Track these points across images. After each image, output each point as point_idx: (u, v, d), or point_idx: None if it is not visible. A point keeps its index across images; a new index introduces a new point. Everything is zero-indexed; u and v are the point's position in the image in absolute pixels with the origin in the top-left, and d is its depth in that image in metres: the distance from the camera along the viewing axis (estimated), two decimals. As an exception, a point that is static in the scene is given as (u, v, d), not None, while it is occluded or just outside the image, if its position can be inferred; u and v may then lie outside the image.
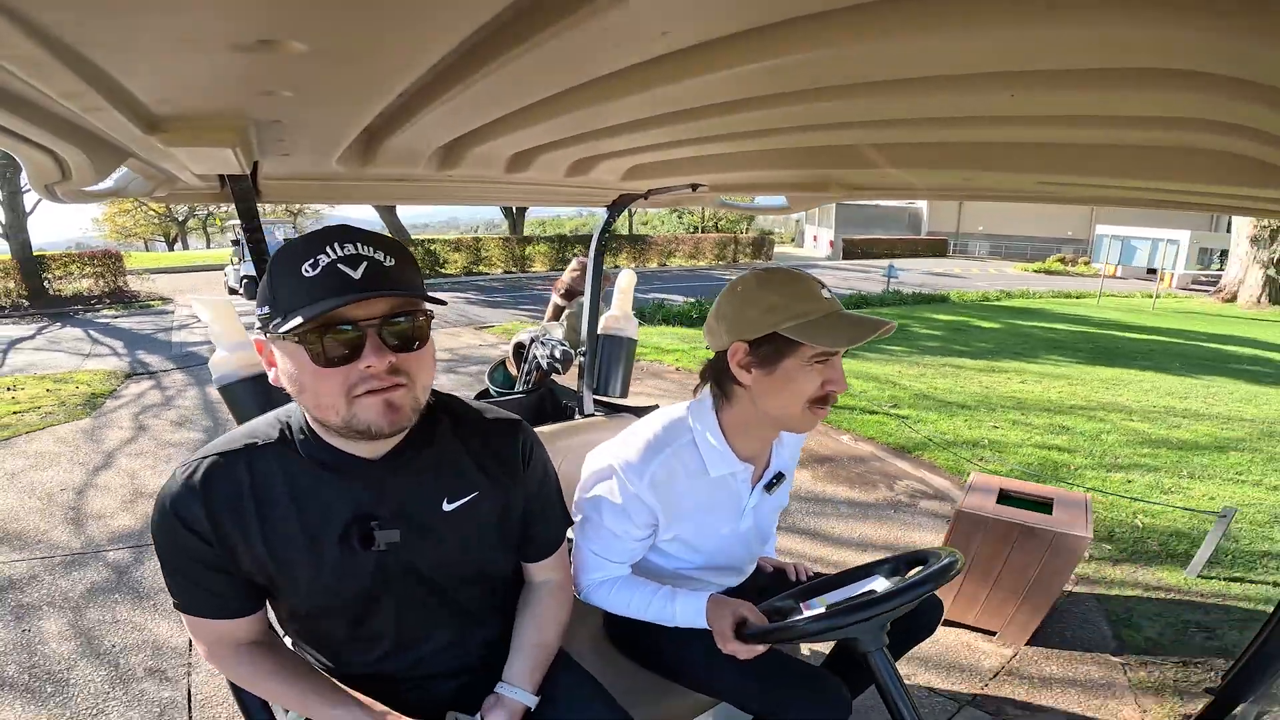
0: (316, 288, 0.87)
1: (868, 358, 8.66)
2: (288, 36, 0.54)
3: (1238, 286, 20.97)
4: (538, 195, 2.08)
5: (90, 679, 2.49)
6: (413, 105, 0.81)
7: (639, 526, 1.39)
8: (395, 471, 1.05)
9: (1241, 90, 0.54)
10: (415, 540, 1.07)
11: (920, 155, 1.12)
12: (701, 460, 1.38)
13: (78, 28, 0.49)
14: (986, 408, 6.35)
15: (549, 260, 22.97)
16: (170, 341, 9.71)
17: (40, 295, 13.93)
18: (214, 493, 0.99)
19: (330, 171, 1.28)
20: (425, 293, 0.95)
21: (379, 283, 0.89)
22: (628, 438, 1.43)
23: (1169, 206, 1.28)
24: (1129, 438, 5.58)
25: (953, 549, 1.25)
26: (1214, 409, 6.85)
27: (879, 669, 1.19)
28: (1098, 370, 8.77)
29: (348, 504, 1.03)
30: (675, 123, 0.93)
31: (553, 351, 2.49)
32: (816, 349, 1.21)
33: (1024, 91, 0.65)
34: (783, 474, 1.52)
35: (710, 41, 0.58)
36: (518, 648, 1.21)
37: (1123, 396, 7.22)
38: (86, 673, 2.52)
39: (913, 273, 23.78)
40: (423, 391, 0.98)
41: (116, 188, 1.20)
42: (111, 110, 0.67)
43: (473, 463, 1.13)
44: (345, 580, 1.05)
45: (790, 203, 1.85)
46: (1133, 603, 3.05)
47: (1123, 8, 0.44)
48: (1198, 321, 14.97)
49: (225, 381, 1.66)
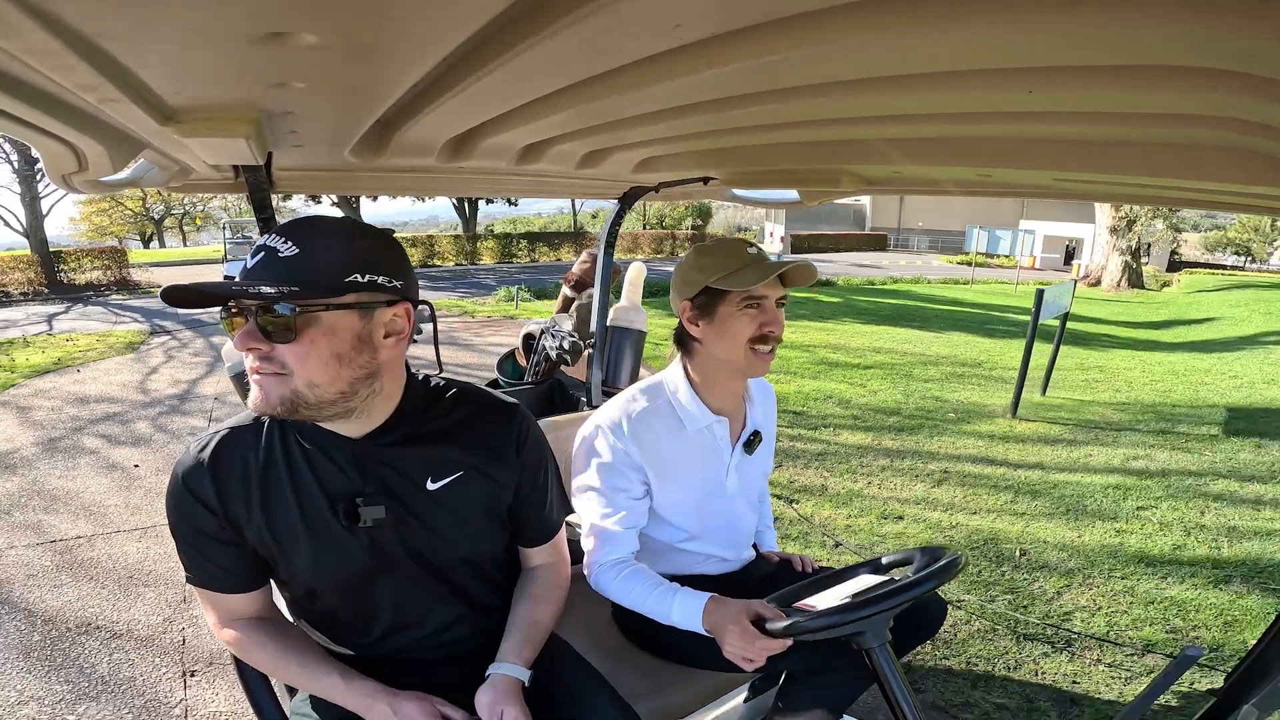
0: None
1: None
2: (300, 28, 0.54)
3: (1101, 272, 23.39)
4: (549, 187, 2.08)
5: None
6: (425, 97, 0.81)
7: (632, 483, 1.49)
8: (376, 449, 1.08)
9: (1261, 88, 0.53)
10: (405, 518, 1.10)
11: (936, 150, 1.11)
12: (677, 416, 1.52)
13: (94, 21, 0.49)
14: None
15: (495, 254, 26.52)
16: (177, 313, 11.85)
17: (56, 284, 16.49)
18: (221, 467, 1.04)
19: (343, 163, 1.29)
20: (303, 288, 0.92)
21: (258, 274, 0.93)
22: (610, 404, 1.55)
23: (1185, 204, 1.26)
24: (822, 362, 8.48)
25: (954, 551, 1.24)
26: (913, 349, 9.70)
27: (882, 665, 1.19)
28: (874, 328, 11.49)
29: (334, 481, 1.07)
30: (688, 116, 0.93)
31: (562, 343, 2.49)
32: (741, 292, 1.39)
33: (1043, 88, 0.65)
34: (759, 433, 1.62)
35: (724, 34, 0.58)
36: (510, 625, 1.22)
37: (862, 342, 9.96)
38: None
39: (840, 264, 27.36)
40: (307, 386, 0.96)
41: (133, 178, 1.22)
42: (127, 102, 0.67)
43: (459, 444, 1.15)
44: (340, 557, 1.08)
45: (802, 196, 1.84)
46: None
47: (1145, 5, 0.43)
48: (1023, 300, 16.69)
49: (237, 370, 1.68)
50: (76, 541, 3.49)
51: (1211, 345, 12.01)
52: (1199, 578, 3.37)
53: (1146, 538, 3.83)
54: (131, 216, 38.84)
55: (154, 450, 4.96)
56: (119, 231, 39.09)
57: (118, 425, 5.55)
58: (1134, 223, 22.03)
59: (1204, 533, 3.91)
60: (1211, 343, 12.31)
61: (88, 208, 35.32)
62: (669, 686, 1.54)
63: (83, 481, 4.30)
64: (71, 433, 5.31)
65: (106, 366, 7.76)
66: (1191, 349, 11.67)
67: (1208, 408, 7.01)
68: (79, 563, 3.28)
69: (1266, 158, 0.78)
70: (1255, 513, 4.22)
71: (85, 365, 7.79)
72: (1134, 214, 21.61)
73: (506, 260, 26.60)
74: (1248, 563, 3.51)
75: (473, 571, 1.21)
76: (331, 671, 1.09)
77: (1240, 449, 5.47)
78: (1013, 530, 3.87)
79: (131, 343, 9.23)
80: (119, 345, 9.03)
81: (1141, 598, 3.18)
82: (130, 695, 2.35)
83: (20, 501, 3.97)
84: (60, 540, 3.50)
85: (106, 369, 7.64)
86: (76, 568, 3.23)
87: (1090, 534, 3.87)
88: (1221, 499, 4.43)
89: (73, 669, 2.48)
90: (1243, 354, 10.74)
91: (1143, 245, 24.83)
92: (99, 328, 10.74)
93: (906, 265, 28.07)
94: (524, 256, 27.33)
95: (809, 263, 1.41)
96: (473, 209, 30.00)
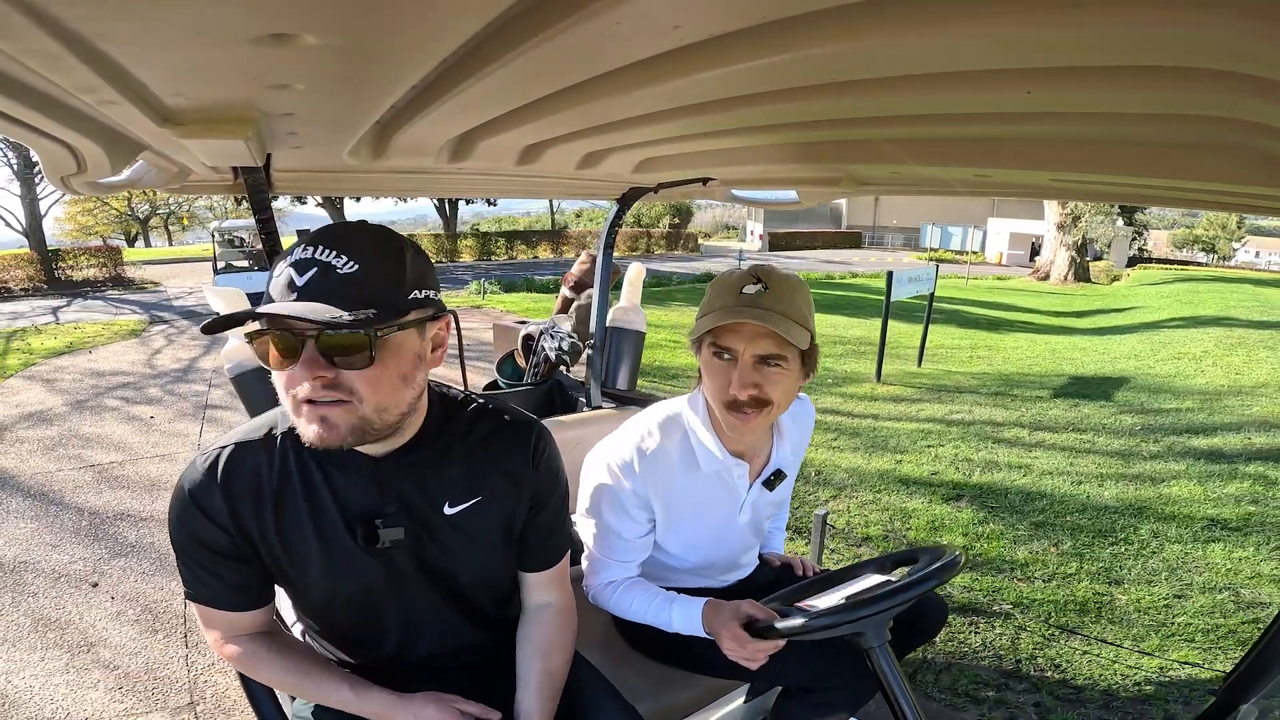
0: (273, 290, 0.88)
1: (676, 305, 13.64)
2: (300, 30, 0.54)
3: (1049, 267, 24.10)
4: (548, 188, 2.08)
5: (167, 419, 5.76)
6: (424, 98, 0.81)
7: (638, 523, 1.40)
8: (398, 470, 1.05)
9: (1261, 88, 0.53)
10: (422, 539, 1.07)
11: (934, 151, 1.11)
12: (694, 454, 1.40)
13: (94, 23, 0.49)
14: (686, 327, 9.94)
15: (474, 252, 27.46)
16: (173, 305, 13.53)
17: (55, 281, 17.21)
18: (232, 481, 1.00)
19: (342, 164, 1.28)
20: (379, 309, 0.86)
21: (315, 292, 0.85)
22: (622, 434, 1.43)
23: (1184, 204, 1.26)
24: None
25: (954, 547, 1.24)
26: (834, 333, 10.70)
27: (882, 666, 1.18)
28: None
29: (353, 500, 1.03)
30: (687, 116, 0.93)
31: (561, 344, 2.49)
32: (710, 340, 1.27)
33: (1042, 89, 0.65)
34: (783, 471, 1.50)
35: (723, 35, 0.58)
36: (524, 680, 1.16)
37: None
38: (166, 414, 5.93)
39: (810, 260, 29.88)
40: (376, 411, 0.92)
41: (131, 179, 1.21)
42: (126, 104, 0.67)
43: (479, 467, 1.11)
44: (354, 575, 1.05)
45: (801, 197, 1.84)
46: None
47: (1143, 5, 0.43)
48: (965, 292, 18.35)
49: (238, 371, 1.68)
50: (110, 464, 4.66)
51: (1112, 330, 12.78)
52: (935, 496, 4.17)
53: (916, 466, 4.69)
54: (117, 216, 38.66)
55: (166, 407, 6.08)
56: (104, 231, 38.82)
57: (132, 390, 6.69)
58: (1079, 219, 22.54)
59: (967, 465, 4.75)
60: (1115, 328, 13.05)
61: (73, 207, 34.97)
62: (670, 687, 1.54)
63: (109, 428, 5.43)
64: (94, 396, 6.41)
65: (115, 349, 8.83)
66: (1090, 333, 12.45)
67: (1056, 377, 7.88)
68: (114, 478, 4.41)
69: (1265, 157, 0.78)
70: (1023, 453, 5.03)
71: (96, 348, 8.82)
72: (1079, 211, 22.28)
73: (485, 258, 27.24)
74: (981, 487, 4.33)
75: (485, 589, 1.19)
76: (342, 684, 1.08)
77: (1055, 407, 6.36)
78: (821, 458, 4.82)
79: (134, 330, 10.29)
80: (123, 332, 10.06)
81: (881, 506, 4.02)
82: (152, 555, 3.40)
83: (61, 442, 5.09)
84: (97, 465, 4.65)
85: (115, 350, 8.72)
86: (112, 480, 4.37)
87: (876, 462, 4.77)
88: (1002, 442, 5.29)
89: (110, 540, 3.56)
90: (1131, 336, 11.46)
91: (1101, 241, 25.73)
92: (102, 318, 11.75)
93: (876, 262, 28.98)
94: (502, 254, 27.96)
95: (785, 316, 1.19)
96: (453, 209, 30.63)
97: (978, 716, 2.28)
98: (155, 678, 2.48)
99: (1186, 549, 3.49)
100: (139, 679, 2.48)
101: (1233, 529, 3.70)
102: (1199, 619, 2.85)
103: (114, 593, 3.06)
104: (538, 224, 47.41)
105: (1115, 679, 2.48)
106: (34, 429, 5.36)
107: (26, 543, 3.50)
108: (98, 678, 2.48)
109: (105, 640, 2.71)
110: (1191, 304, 15.11)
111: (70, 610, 2.91)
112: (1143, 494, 4.23)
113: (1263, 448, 5.05)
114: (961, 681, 2.45)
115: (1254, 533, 3.65)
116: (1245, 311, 13.11)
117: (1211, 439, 5.33)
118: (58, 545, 3.48)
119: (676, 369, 7.69)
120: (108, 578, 3.18)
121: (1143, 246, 37.74)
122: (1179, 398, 6.71)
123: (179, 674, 2.51)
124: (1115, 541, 3.57)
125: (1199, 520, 3.80)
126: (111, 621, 2.84)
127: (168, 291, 16.02)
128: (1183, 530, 3.69)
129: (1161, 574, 3.24)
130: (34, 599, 2.99)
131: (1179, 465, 4.75)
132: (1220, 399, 6.61)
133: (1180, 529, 3.70)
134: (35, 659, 2.58)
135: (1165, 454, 5.01)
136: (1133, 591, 3.08)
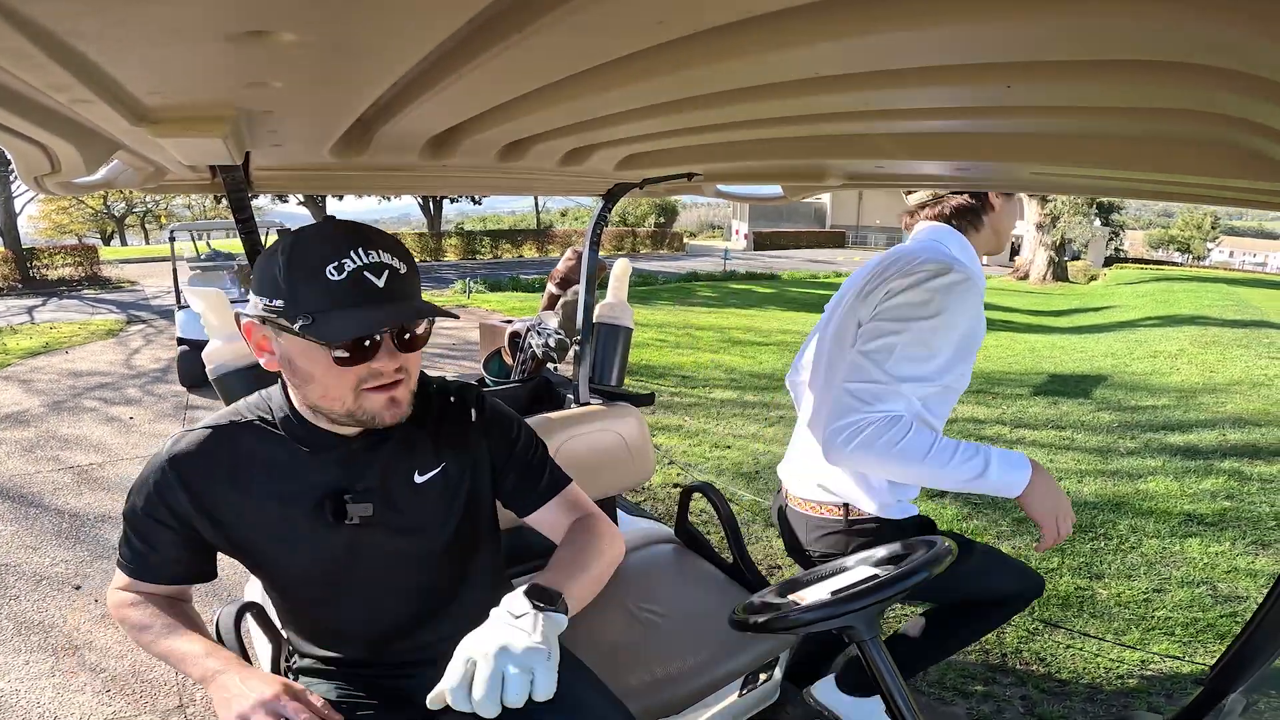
0: (346, 294, 0.92)
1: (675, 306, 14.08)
2: (278, 27, 0.53)
3: (1029, 266, 24.67)
4: (532, 184, 2.07)
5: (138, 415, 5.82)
6: (405, 95, 0.80)
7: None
8: (370, 448, 1.10)
9: (1239, 83, 0.54)
10: (388, 514, 1.10)
11: (917, 145, 1.12)
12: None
13: (66, 19, 0.48)
14: (672, 326, 10.72)
15: (459, 251, 27.49)
16: (150, 304, 13.28)
17: (30, 280, 16.98)
18: (198, 464, 1.04)
19: (322, 162, 1.27)
20: (432, 305, 1.02)
21: (399, 294, 0.96)
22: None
23: (1164, 198, 1.28)
24: (727, 340, 9.61)
25: (949, 542, 1.24)
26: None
27: (875, 659, 1.19)
28: (791, 314, 13.42)
29: (323, 479, 1.08)
30: (671, 112, 0.93)
31: (548, 340, 2.48)
32: None
33: (1023, 83, 0.65)
34: None
35: (706, 31, 0.58)
36: (552, 565, 1.09)
37: (773, 325, 11.52)
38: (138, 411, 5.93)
39: (795, 260, 30.38)
40: (415, 383, 1.06)
41: (107, 179, 1.19)
42: (100, 102, 0.66)
43: (436, 436, 1.18)
44: (318, 552, 1.09)
45: (786, 192, 1.85)
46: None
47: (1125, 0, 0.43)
48: None
49: (220, 372, 1.66)
50: (89, 466, 4.59)
51: (1090, 329, 13.02)
52: (920, 493, 4.08)
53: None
54: (93, 214, 38.12)
55: (144, 408, 6.00)
56: (79, 230, 38.26)
57: (110, 391, 6.58)
58: (1057, 219, 22.96)
59: (950, 461, 4.96)
60: (1093, 326, 13.32)
61: (48, 205, 34.51)
62: (663, 685, 1.54)
63: (87, 429, 5.37)
64: (71, 397, 6.31)
65: (92, 349, 8.69)
66: (1068, 332, 12.66)
67: (1035, 375, 7.97)
68: (93, 479, 4.35)
69: (1243, 151, 0.79)
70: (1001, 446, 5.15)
71: (72, 348, 8.69)
72: (1057, 211, 22.71)
73: (470, 257, 27.19)
74: (963, 483, 4.50)
75: (451, 569, 1.21)
76: (195, 641, 1.03)
77: (1034, 405, 6.47)
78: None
79: (111, 330, 10.09)
80: (100, 332, 9.86)
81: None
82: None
83: (39, 443, 5.03)
84: (76, 466, 4.57)
85: (92, 350, 8.58)
86: (92, 482, 4.30)
87: (860, 459, 5.01)
88: (984, 439, 5.32)
89: (92, 542, 3.53)
90: (1108, 335, 11.67)
91: (1079, 241, 26.22)
92: (78, 318, 11.54)
93: (860, 261, 29.01)
94: (487, 253, 27.92)
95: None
96: (437, 207, 30.73)
97: (967, 710, 2.30)
98: (143, 680, 2.46)
99: (1165, 544, 3.53)
100: (126, 682, 2.46)
101: (1209, 524, 3.74)
102: (1178, 613, 2.89)
103: (97, 595, 3.04)
104: (523, 223, 47.54)
105: (1099, 672, 2.51)
106: (11, 430, 5.30)
107: (6, 545, 3.48)
108: (85, 681, 2.46)
109: (91, 643, 2.69)
110: (1167, 303, 15.41)
111: (54, 613, 2.89)
112: (1121, 490, 4.28)
113: (1237, 444, 5.13)
114: (949, 675, 2.47)
115: (1229, 528, 3.69)
116: (1219, 310, 13.39)
117: (1187, 435, 5.41)
118: (38, 548, 3.46)
119: (663, 368, 7.69)
120: (91, 580, 3.17)
121: (1119, 246, 38.48)
122: (1155, 395, 6.82)
123: (167, 676, 2.48)
124: (1095, 536, 3.61)
125: (1176, 515, 3.85)
126: (96, 624, 2.81)
127: (145, 291, 15.80)
128: (1160, 525, 3.73)
129: (1141, 569, 3.27)
130: (16, 602, 2.97)
131: (1156, 461, 4.81)
132: (1195, 396, 6.72)
133: (1158, 524, 3.75)
134: (20, 662, 2.56)
135: (1142, 450, 5.08)
136: (1113, 586, 3.11)
